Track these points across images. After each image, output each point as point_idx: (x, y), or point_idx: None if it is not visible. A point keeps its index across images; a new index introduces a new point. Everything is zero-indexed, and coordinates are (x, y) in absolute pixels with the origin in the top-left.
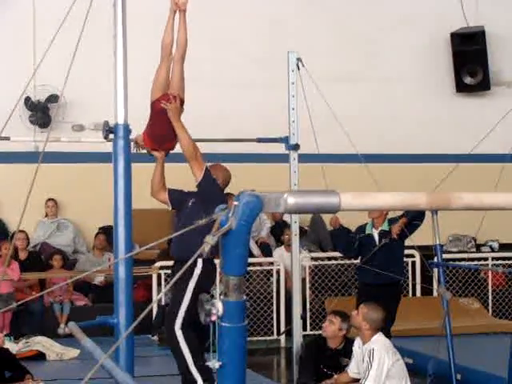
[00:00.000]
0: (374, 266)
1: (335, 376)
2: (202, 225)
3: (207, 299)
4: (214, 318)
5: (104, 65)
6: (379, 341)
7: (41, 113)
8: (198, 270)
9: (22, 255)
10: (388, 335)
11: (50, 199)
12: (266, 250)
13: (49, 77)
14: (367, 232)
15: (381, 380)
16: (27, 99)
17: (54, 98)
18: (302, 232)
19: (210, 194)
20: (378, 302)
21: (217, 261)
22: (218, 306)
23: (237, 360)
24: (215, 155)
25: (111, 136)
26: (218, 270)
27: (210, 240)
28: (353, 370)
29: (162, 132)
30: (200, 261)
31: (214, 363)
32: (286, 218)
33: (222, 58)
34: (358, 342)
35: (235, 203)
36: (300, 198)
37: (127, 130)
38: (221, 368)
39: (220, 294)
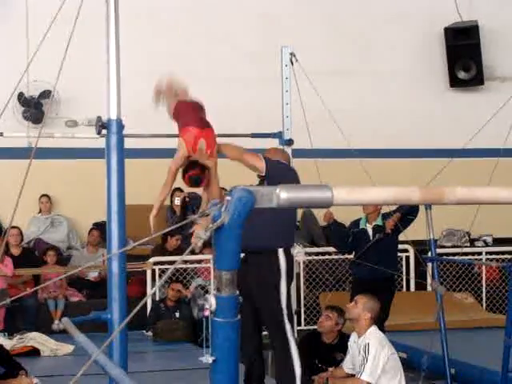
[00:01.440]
0: (367, 261)
1: (331, 369)
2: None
3: (200, 294)
4: (206, 312)
5: (98, 60)
6: (374, 335)
7: (34, 108)
8: (283, 263)
9: (16, 251)
10: (382, 330)
11: (43, 195)
12: None
13: (42, 72)
14: (361, 227)
15: (376, 374)
16: (20, 95)
17: (47, 94)
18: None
19: (280, 176)
20: None
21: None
22: (211, 301)
23: (230, 354)
24: None
25: (104, 131)
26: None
27: (202, 235)
28: (347, 365)
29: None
30: (281, 251)
31: (206, 358)
32: None
33: (216, 52)
34: (353, 337)
35: (228, 198)
36: (293, 193)
37: (120, 126)
38: (214, 363)
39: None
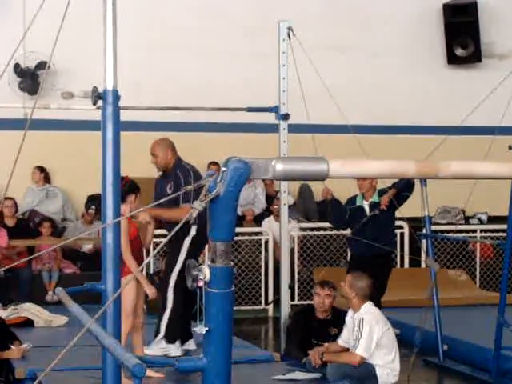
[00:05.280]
0: (364, 238)
1: (326, 344)
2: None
3: (194, 265)
4: (200, 283)
5: (94, 33)
6: (369, 310)
7: (30, 80)
8: (191, 235)
9: (10, 222)
10: (378, 306)
11: (38, 167)
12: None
13: (38, 43)
14: (357, 204)
15: (370, 349)
16: (16, 66)
17: (43, 65)
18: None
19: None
20: (368, 272)
21: None
22: (205, 272)
23: (223, 325)
24: (204, 124)
25: (100, 102)
26: None
27: (198, 206)
28: (343, 339)
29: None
30: (194, 227)
31: (200, 328)
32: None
33: (211, 26)
34: (350, 313)
35: (223, 169)
36: (288, 165)
37: (116, 96)
38: (207, 333)
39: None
